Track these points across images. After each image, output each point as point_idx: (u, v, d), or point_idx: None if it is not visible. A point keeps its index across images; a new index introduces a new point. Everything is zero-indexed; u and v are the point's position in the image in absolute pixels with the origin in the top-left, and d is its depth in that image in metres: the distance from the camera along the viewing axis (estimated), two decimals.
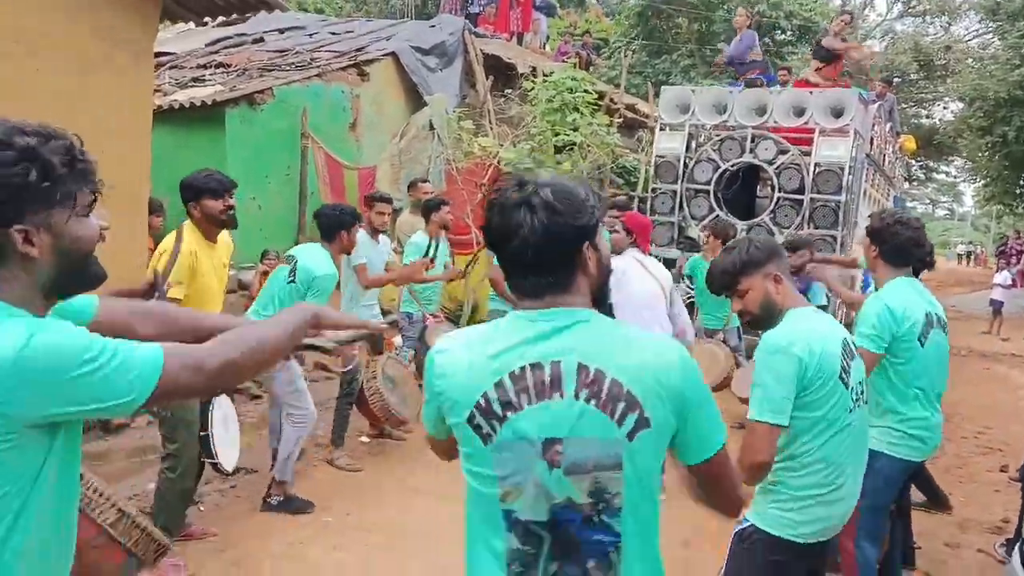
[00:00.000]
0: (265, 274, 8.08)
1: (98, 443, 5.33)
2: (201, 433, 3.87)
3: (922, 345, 3.27)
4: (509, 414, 1.49)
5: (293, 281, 4.58)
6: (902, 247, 3.34)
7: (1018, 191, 24.18)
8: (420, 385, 6.20)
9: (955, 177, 42.89)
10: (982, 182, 29.02)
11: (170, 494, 3.91)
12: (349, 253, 4.99)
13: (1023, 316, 17.29)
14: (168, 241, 3.97)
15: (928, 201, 53.22)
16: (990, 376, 10.64)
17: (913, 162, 30.01)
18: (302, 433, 4.65)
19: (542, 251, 1.50)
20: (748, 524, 2.59)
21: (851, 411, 2.51)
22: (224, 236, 4.12)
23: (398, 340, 5.89)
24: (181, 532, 4.12)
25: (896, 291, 3.28)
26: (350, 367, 5.40)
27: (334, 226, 4.78)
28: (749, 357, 7.15)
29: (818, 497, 2.50)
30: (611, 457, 1.48)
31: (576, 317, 1.54)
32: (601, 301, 1.64)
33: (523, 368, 1.50)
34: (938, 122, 32.33)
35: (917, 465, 3.55)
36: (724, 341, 7.08)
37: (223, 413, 4.05)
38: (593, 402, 1.48)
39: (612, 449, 1.48)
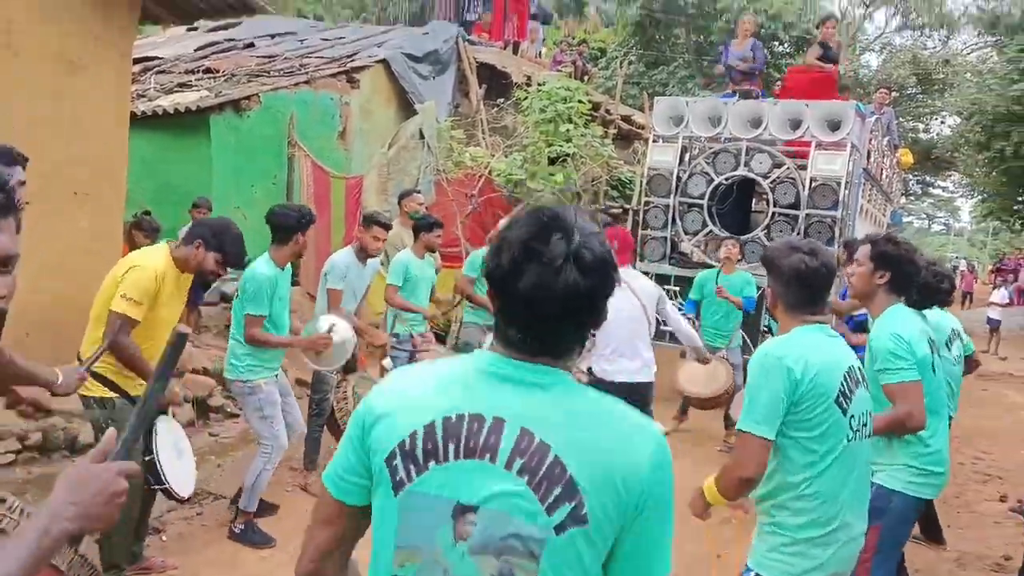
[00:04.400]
0: None
1: (63, 463, 5.11)
2: (145, 458, 3.60)
3: (934, 373, 3.11)
4: (431, 464, 1.27)
5: (238, 296, 4.47)
6: (915, 276, 3.15)
7: (1015, 207, 24.02)
8: None
9: (952, 192, 42.81)
10: (979, 197, 28.93)
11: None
12: (300, 257, 4.75)
13: (1021, 335, 17.15)
14: (141, 256, 3.73)
15: (924, 216, 53.17)
16: (988, 397, 10.46)
17: (910, 176, 29.88)
18: (267, 463, 4.42)
19: (575, 315, 1.27)
20: (751, 574, 2.45)
21: (849, 440, 2.37)
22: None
23: (387, 362, 5.68)
24: (139, 564, 3.91)
25: (900, 318, 3.09)
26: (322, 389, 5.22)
27: (290, 229, 4.45)
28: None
29: (819, 539, 2.36)
30: (527, 545, 1.22)
31: (545, 377, 1.29)
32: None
33: (460, 416, 1.27)
34: (936, 136, 32.17)
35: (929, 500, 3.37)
36: (725, 359, 6.92)
37: (172, 436, 3.80)
38: (525, 477, 1.23)
39: (532, 536, 1.22)
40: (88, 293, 3.87)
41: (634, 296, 4.73)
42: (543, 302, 1.24)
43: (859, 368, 2.49)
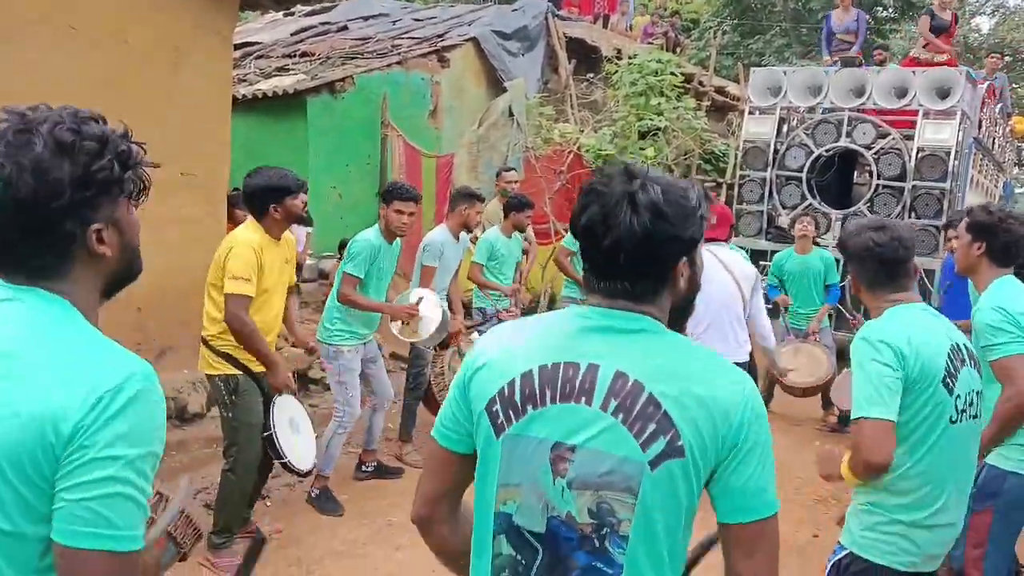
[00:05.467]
0: None
1: (173, 432, 5.39)
2: (264, 434, 3.81)
3: None
4: (529, 408, 1.35)
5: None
6: (1014, 245, 2.98)
7: None
8: None
9: None
10: None
11: (230, 494, 3.88)
12: (398, 232, 4.74)
13: None
14: (236, 237, 3.84)
15: None
16: None
17: (1021, 144, 28.22)
18: (339, 428, 4.64)
19: (634, 258, 1.32)
20: (844, 552, 2.40)
21: (954, 422, 2.28)
22: (287, 233, 4.03)
23: (475, 337, 5.75)
24: (246, 528, 4.10)
25: (1005, 290, 2.94)
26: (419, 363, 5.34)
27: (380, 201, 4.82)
28: (840, 358, 6.75)
29: (920, 520, 2.29)
30: (624, 479, 1.29)
31: (638, 323, 1.36)
32: (681, 317, 1.47)
33: (556, 364, 1.35)
34: None
35: None
36: (818, 341, 6.70)
37: (289, 413, 3.98)
38: (620, 416, 1.30)
39: (628, 472, 1.29)
40: (195, 271, 4.05)
41: (729, 274, 4.61)
42: (599, 238, 1.32)
43: (965, 345, 2.39)
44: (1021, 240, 2.99)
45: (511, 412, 1.36)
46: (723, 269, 4.57)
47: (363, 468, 5.04)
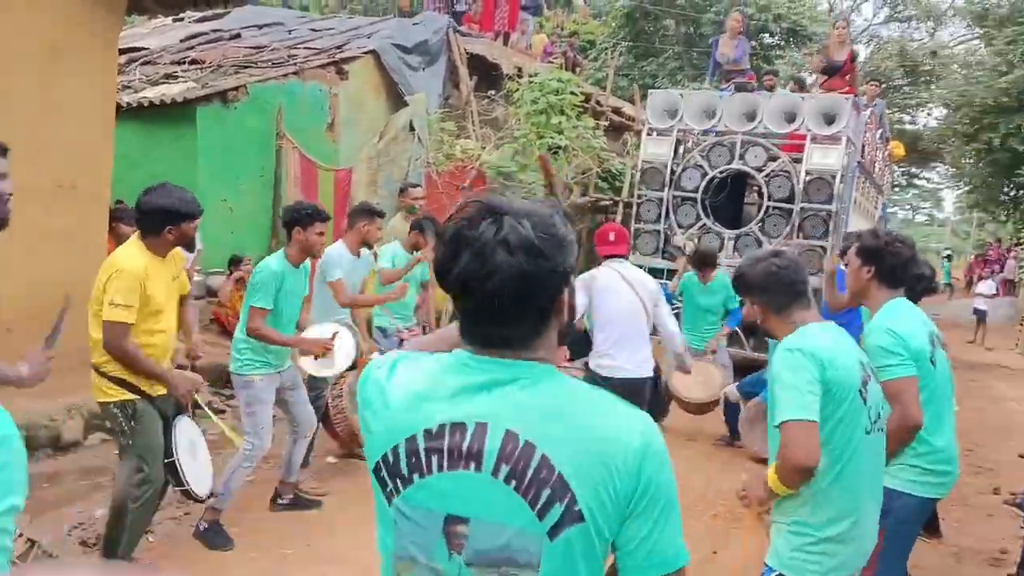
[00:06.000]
0: (240, 281, 7.76)
1: (47, 462, 5.01)
2: (166, 460, 3.62)
3: (934, 366, 3.05)
4: (416, 477, 1.24)
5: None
6: (901, 267, 3.10)
7: (1002, 198, 24.13)
8: None
9: (937, 183, 43.05)
10: (965, 188, 29.07)
11: (135, 522, 3.66)
12: (312, 254, 4.57)
13: (1006, 325, 17.22)
14: (119, 258, 3.60)
15: (908, 207, 53.43)
16: (977, 389, 10.47)
17: (896, 167, 30.03)
18: (245, 461, 4.33)
19: (517, 300, 1.21)
20: (774, 574, 2.42)
21: (868, 432, 2.36)
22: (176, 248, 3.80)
23: (376, 356, 5.58)
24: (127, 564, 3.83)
25: (896, 313, 3.04)
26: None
27: (287, 224, 4.46)
28: (736, 372, 6.92)
29: (842, 535, 2.35)
30: (524, 554, 1.18)
31: (524, 372, 1.24)
32: (566, 336, 1.35)
33: (442, 426, 1.23)
34: (922, 128, 32.33)
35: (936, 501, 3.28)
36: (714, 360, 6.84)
37: (188, 438, 3.80)
38: (513, 483, 1.18)
39: (527, 544, 1.18)
40: (73, 287, 3.75)
41: (632, 290, 4.68)
42: (478, 287, 1.21)
43: (867, 362, 2.48)
44: (908, 262, 3.10)
45: (398, 481, 1.25)
46: (627, 286, 4.63)
47: (279, 500, 4.78)
